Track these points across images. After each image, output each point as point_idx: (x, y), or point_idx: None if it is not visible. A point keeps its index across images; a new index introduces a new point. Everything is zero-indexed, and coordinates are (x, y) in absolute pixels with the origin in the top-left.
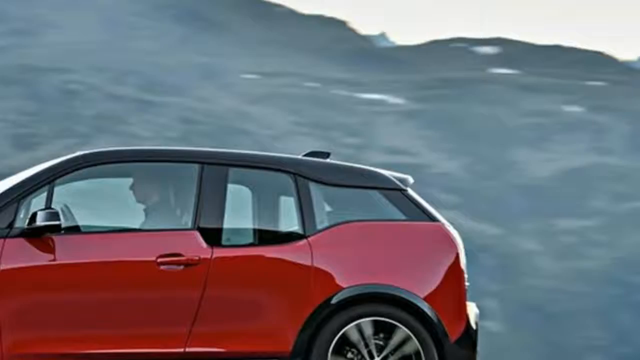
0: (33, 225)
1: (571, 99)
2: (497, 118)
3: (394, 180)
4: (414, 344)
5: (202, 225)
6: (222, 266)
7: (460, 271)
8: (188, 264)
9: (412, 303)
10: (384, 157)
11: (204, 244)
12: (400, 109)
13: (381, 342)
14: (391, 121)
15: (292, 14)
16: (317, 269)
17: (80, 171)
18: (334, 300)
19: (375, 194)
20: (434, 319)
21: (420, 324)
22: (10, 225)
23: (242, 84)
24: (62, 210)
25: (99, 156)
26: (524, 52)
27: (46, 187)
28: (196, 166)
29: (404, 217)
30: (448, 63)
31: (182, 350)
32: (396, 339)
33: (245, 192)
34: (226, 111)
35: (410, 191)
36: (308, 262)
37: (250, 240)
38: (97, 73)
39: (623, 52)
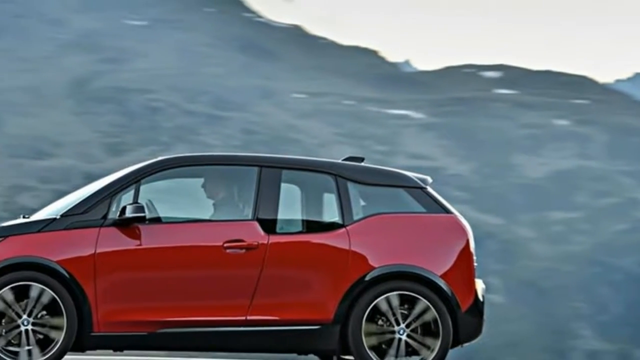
0: (123, 217)
1: (560, 114)
2: (499, 130)
3: (416, 180)
4: (432, 313)
5: (260, 216)
6: (276, 250)
7: (470, 254)
8: (249, 248)
9: (430, 280)
10: (408, 161)
11: (262, 232)
12: (421, 122)
13: (405, 312)
14: (413, 132)
15: (333, 44)
16: (354, 252)
17: (161, 172)
18: (367, 278)
19: (401, 191)
20: (449, 292)
21: (437, 297)
22: (105, 216)
23: (292, 102)
24: (147, 205)
25: (177, 160)
26: (522, 76)
27: (134, 186)
28: (256, 169)
29: (424, 210)
30: (460, 85)
31: (244, 318)
32: (418, 309)
33: (295, 190)
34: (279, 124)
35: (429, 189)
36: (346, 247)
37: (299, 229)
38: (175, 93)
39: (602, 76)
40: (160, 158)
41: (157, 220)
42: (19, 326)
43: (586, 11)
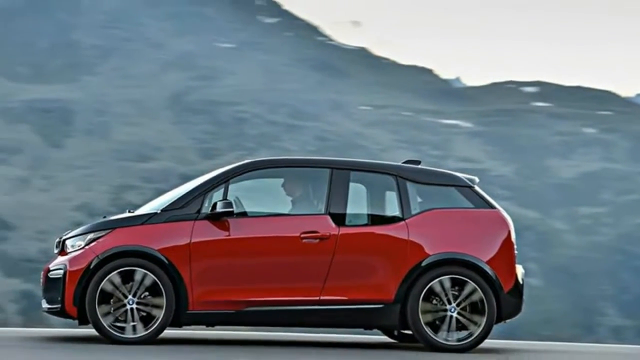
0: (214, 211)
1: (588, 123)
2: (536, 137)
3: (465, 179)
4: (479, 294)
5: (331, 211)
6: (345, 240)
7: (511, 243)
8: (322, 238)
9: (477, 265)
10: (458, 164)
11: (333, 225)
12: (469, 130)
13: (456, 293)
14: (463, 139)
15: (394, 64)
16: (412, 242)
17: (247, 173)
18: (423, 264)
19: (452, 189)
20: (493, 276)
21: (483, 280)
22: (199, 211)
23: (359, 113)
24: (235, 201)
25: (260, 163)
26: (555, 91)
27: (223, 185)
28: (328, 170)
29: (472, 206)
30: (502, 98)
31: (317, 298)
32: (466, 290)
33: (362, 188)
34: (348, 132)
35: (476, 188)
36: (405, 237)
37: (365, 221)
38: (259, 105)
39: (625, 91)
40: (246, 161)
41: (243, 214)
42: (125, 305)
43: (610, 33)
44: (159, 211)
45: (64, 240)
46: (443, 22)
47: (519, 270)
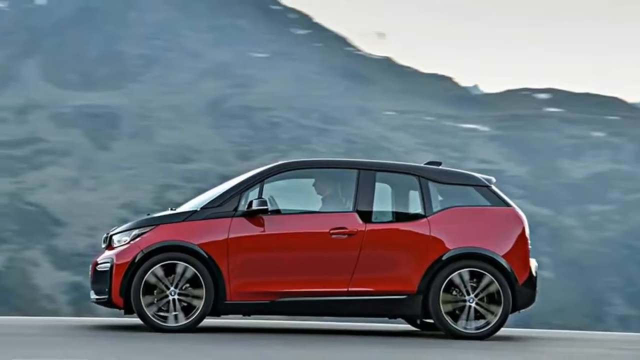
0: (250, 209)
1: (596, 127)
2: (548, 140)
3: (482, 179)
4: (495, 286)
5: (359, 209)
6: (371, 235)
7: (525, 238)
8: (350, 234)
9: (494, 259)
10: (476, 165)
11: (360, 221)
12: (486, 134)
13: (474, 284)
14: (480, 142)
15: (416, 72)
16: (433, 237)
17: (281, 174)
18: (444, 257)
19: (470, 189)
20: (509, 269)
21: (499, 273)
22: (235, 209)
23: (384, 118)
24: (269, 199)
25: (293, 164)
26: (566, 97)
27: (258, 184)
28: (355, 171)
29: (489, 204)
30: (517, 104)
31: (346, 289)
32: (484, 282)
33: (387, 188)
34: (374, 135)
35: (493, 187)
36: (427, 233)
37: (390, 218)
38: (291, 111)
39: (630, 97)
40: (279, 162)
41: (277, 211)
42: (167, 296)
43: (617, 43)
44: (198, 209)
45: (111, 235)
46: (461, 33)
47: (533, 263)
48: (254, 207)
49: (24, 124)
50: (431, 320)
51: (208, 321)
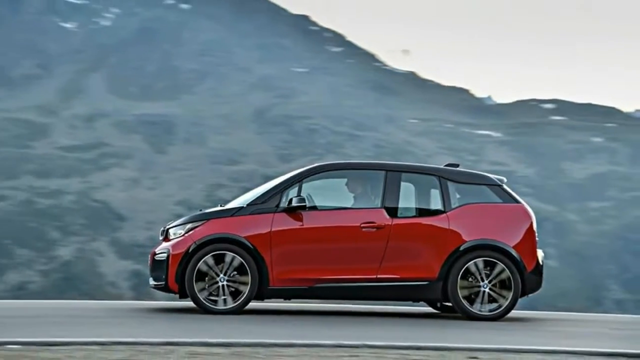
0: (290, 206)
1: (596, 134)
2: (554, 145)
3: (495, 179)
4: (507, 273)
5: (386, 205)
6: (397, 229)
7: (533, 231)
8: (378, 227)
9: (505, 250)
10: (489, 167)
11: (387, 216)
12: (498, 140)
13: (488, 272)
14: (494, 147)
15: (437, 85)
16: (452, 230)
17: (317, 174)
18: (461, 248)
19: (485, 187)
20: (518, 258)
21: (510, 262)
22: (277, 205)
23: (408, 125)
24: (307, 197)
25: (328, 166)
26: (570, 107)
27: (298, 184)
28: (383, 172)
29: (501, 201)
30: (526, 113)
31: (375, 276)
32: (496, 270)
33: (411, 187)
34: (399, 141)
35: (505, 186)
36: (446, 226)
37: (414, 214)
38: (327, 119)
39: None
40: (316, 164)
41: (314, 208)
42: (217, 282)
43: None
44: (245, 205)
45: (168, 229)
46: (477, 49)
47: (540, 253)
48: (294, 203)
49: (91, 131)
50: (450, 304)
51: (253, 305)
